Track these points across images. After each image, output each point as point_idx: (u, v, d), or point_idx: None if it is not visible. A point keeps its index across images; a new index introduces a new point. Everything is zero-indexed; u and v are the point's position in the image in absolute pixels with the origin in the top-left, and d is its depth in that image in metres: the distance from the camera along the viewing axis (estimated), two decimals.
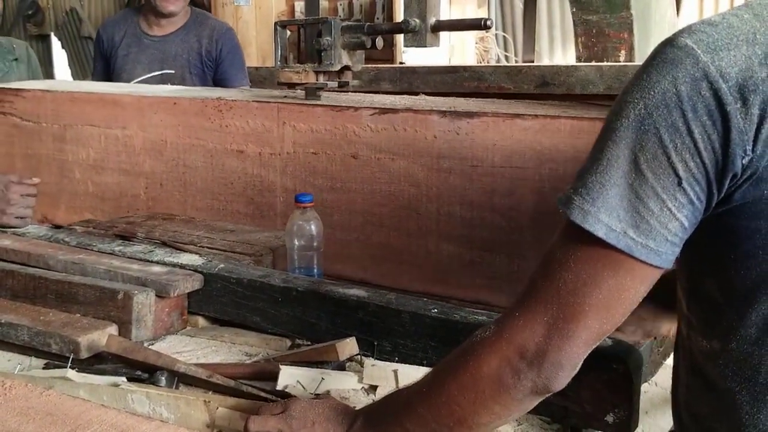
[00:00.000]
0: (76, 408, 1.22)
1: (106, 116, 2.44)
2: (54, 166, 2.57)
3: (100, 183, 2.48)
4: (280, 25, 2.25)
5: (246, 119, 2.16)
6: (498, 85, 2.53)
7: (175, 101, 2.31)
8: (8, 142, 2.70)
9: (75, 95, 2.54)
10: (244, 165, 2.18)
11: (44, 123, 2.58)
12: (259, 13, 4.81)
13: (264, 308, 1.65)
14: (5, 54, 3.04)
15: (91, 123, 2.47)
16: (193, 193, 2.28)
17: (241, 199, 2.20)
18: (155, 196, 2.38)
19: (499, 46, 5.49)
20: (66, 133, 2.53)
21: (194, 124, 2.25)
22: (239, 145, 2.18)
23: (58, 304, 1.68)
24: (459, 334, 1.39)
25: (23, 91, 2.67)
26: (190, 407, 1.25)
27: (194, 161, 2.27)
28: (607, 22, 3.30)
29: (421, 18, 1.96)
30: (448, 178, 1.85)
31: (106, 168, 2.46)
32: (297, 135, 2.07)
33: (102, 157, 2.46)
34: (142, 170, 2.38)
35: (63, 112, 2.53)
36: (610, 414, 1.26)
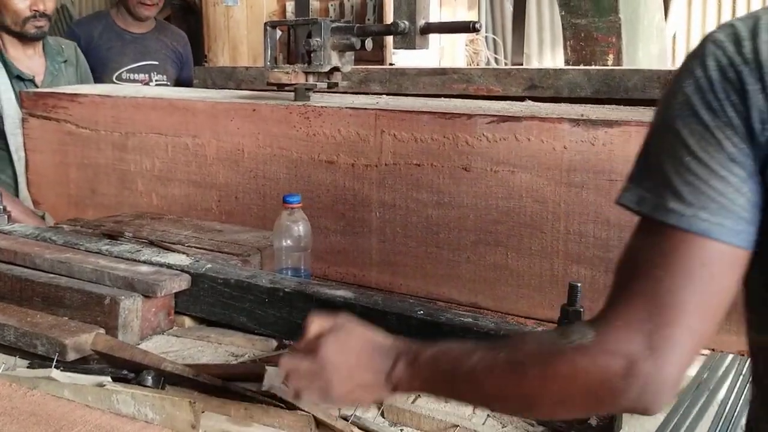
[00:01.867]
0: (60, 408, 1.21)
1: (174, 123, 2.30)
2: (113, 176, 2.45)
3: (165, 195, 2.36)
4: (270, 26, 2.26)
5: (337, 127, 2.01)
6: (486, 87, 2.53)
7: (254, 107, 2.17)
8: (62, 151, 2.58)
9: (139, 101, 2.40)
10: (334, 177, 2.03)
11: (103, 131, 2.45)
12: (251, 12, 4.81)
13: (251, 308, 1.65)
14: (54, 56, 2.91)
15: (157, 131, 2.33)
16: (273, 206, 2.12)
17: (329, 213, 2.06)
18: (229, 209, 2.25)
19: (489, 49, 5.49)
20: (128, 141, 2.40)
21: (276, 132, 2.12)
22: (329, 156, 2.04)
23: (44, 307, 1.68)
24: (445, 335, 1.39)
25: (79, 96, 2.53)
26: (176, 408, 1.25)
27: (275, 172, 2.14)
28: (595, 26, 3.31)
29: (411, 20, 1.97)
30: (580, 193, 1.69)
31: (173, 179, 2.33)
32: (398, 144, 1.93)
33: (169, 167, 2.33)
34: (215, 182, 2.25)
35: (125, 119, 2.40)
36: (593, 417, 1.26)
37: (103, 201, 2.45)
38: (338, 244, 2.06)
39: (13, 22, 2.64)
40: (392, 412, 1.30)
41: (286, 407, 1.27)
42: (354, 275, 2.04)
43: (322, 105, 2.04)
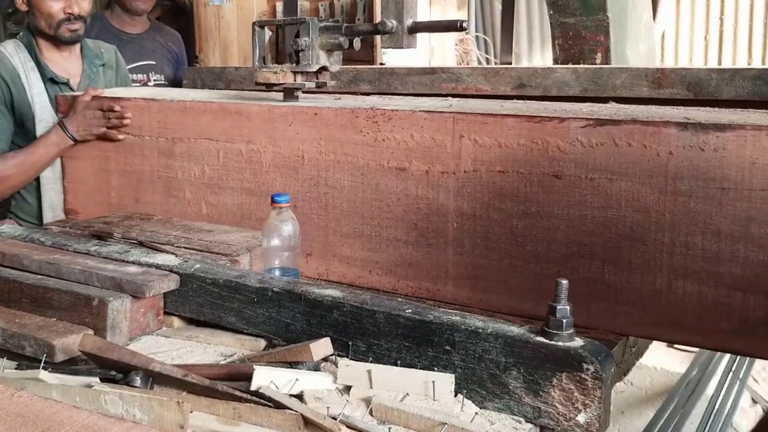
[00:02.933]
0: (47, 409, 1.21)
1: (226, 128, 2.20)
2: (159, 184, 2.35)
3: (216, 204, 2.25)
4: (259, 26, 2.26)
5: (410, 132, 1.88)
6: (475, 87, 2.55)
7: (315, 111, 2.04)
8: (103, 157, 2.48)
9: (187, 105, 2.28)
10: (406, 185, 1.91)
11: (147, 136, 2.35)
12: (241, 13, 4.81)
13: (240, 308, 1.65)
14: (92, 59, 2.85)
15: (207, 136, 2.23)
16: (336, 216, 2.03)
17: (400, 224, 1.93)
18: None
19: (479, 48, 5.51)
20: (175, 147, 2.29)
21: (340, 137, 2.00)
22: (400, 162, 1.91)
23: (33, 308, 1.67)
24: (433, 334, 1.40)
25: (122, 100, 2.42)
26: (164, 408, 1.25)
27: (339, 180, 2.01)
28: (583, 25, 3.33)
29: (398, 19, 1.97)
30: (688, 202, 1.58)
31: (224, 187, 2.22)
32: (479, 150, 1.80)
33: (220, 174, 2.22)
34: (271, 189, 2.11)
35: (172, 123, 2.29)
36: (581, 414, 1.27)
37: (147, 209, 2.36)
38: (409, 256, 1.93)
39: (47, 25, 2.58)
40: (380, 410, 1.30)
41: (275, 407, 1.27)
42: (427, 289, 1.92)
43: (392, 108, 1.93)
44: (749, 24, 5.60)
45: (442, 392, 1.35)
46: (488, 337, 1.34)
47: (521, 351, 1.31)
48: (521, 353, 1.31)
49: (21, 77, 2.60)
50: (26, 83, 2.60)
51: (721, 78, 2.24)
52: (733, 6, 5.61)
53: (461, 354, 1.37)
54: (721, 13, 5.68)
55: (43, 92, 2.64)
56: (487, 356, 1.34)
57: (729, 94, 2.23)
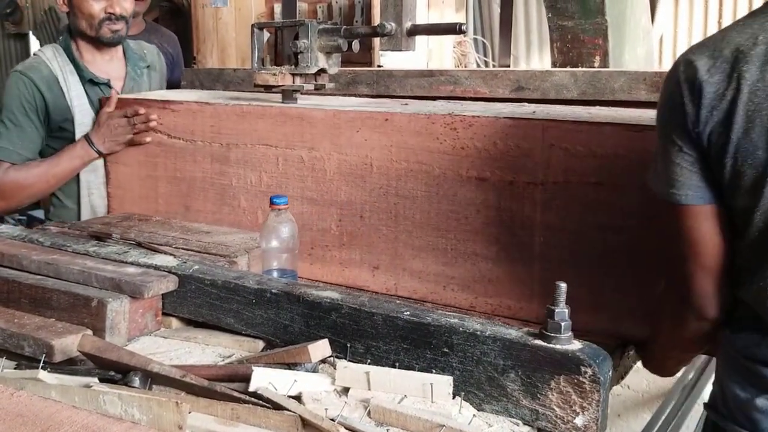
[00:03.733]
0: (47, 409, 1.21)
1: (287, 134, 2.08)
2: (212, 192, 2.24)
3: None
4: (258, 27, 2.26)
5: (492, 140, 1.77)
6: (473, 89, 2.54)
7: (386, 117, 1.93)
8: (150, 163, 2.37)
9: (244, 109, 2.17)
10: (487, 196, 1.79)
11: (200, 141, 2.24)
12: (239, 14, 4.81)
13: (238, 310, 1.65)
14: (136, 61, 2.77)
15: (265, 142, 2.11)
16: (407, 228, 1.91)
17: (479, 237, 1.82)
18: (353, 230, 2.01)
19: (477, 51, 5.51)
20: (230, 153, 2.19)
21: (414, 144, 1.89)
22: (480, 172, 1.80)
23: (32, 309, 1.68)
24: (431, 336, 1.40)
25: (173, 103, 2.31)
26: (162, 408, 1.25)
27: (412, 190, 1.90)
28: (582, 28, 3.34)
29: (397, 22, 1.98)
30: None
31: (284, 195, 2.03)
32: (570, 160, 1.69)
33: (279, 182, 2.11)
34: (336, 199, 2.02)
35: (227, 128, 2.19)
36: (579, 417, 1.27)
37: (198, 218, 2.26)
38: (489, 272, 1.82)
39: (89, 26, 2.53)
40: (378, 412, 1.30)
41: (273, 408, 1.28)
42: (509, 307, 1.82)
43: (473, 114, 1.81)
44: None
45: (440, 394, 1.35)
46: (486, 339, 1.34)
47: (519, 354, 1.32)
48: (519, 356, 1.32)
49: (59, 81, 2.56)
50: (64, 87, 2.56)
51: None
52: (731, 10, 5.62)
53: (459, 356, 1.37)
54: (719, 16, 5.69)
55: (82, 95, 2.58)
56: (486, 359, 1.35)
57: None
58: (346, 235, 2.01)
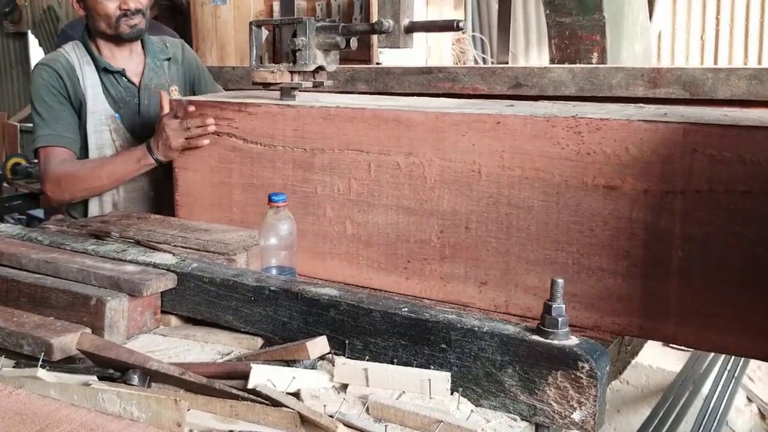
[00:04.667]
0: (45, 407, 1.22)
1: (381, 138, 1.94)
2: (293, 200, 2.07)
3: (365, 223, 1.99)
4: (256, 25, 2.26)
5: (624, 145, 1.63)
6: (472, 86, 2.56)
7: (498, 120, 1.78)
8: (224, 170, 2.25)
9: (332, 111, 2.02)
10: (617, 206, 1.66)
11: (280, 146, 2.10)
12: (238, 13, 4.81)
13: (237, 307, 1.65)
14: (156, 53, 2.75)
15: (356, 147, 1.97)
16: (521, 240, 1.77)
17: (606, 251, 1.68)
18: (456, 242, 1.86)
19: (476, 48, 5.52)
20: (314, 159, 2.05)
21: (530, 149, 1.74)
22: (609, 180, 1.66)
23: (31, 307, 1.68)
24: (429, 332, 1.40)
25: (250, 106, 2.18)
26: (161, 406, 1.26)
27: (527, 199, 1.76)
28: (579, 25, 3.35)
29: (395, 19, 1.97)
30: None
31: (376, 204, 1.96)
32: (716, 167, 1.55)
33: (371, 190, 1.96)
34: (437, 208, 1.87)
35: (311, 132, 2.04)
36: (576, 411, 1.28)
37: None
38: (618, 288, 1.69)
39: (107, 26, 2.54)
40: (377, 408, 1.31)
41: (272, 405, 1.28)
42: (640, 327, 1.68)
43: (600, 117, 1.68)
44: (745, 23, 5.62)
45: (438, 390, 1.36)
46: (484, 335, 1.35)
47: (517, 349, 1.32)
48: (517, 351, 1.32)
49: (75, 70, 2.59)
50: (80, 75, 2.59)
51: (716, 77, 2.25)
52: (729, 5, 5.63)
53: (457, 352, 1.38)
54: (717, 12, 5.70)
55: (96, 84, 2.60)
56: (483, 354, 1.35)
57: (724, 93, 2.24)
58: (449, 248, 1.87)
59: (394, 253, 1.94)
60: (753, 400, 3.22)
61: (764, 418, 3.18)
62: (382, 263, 1.96)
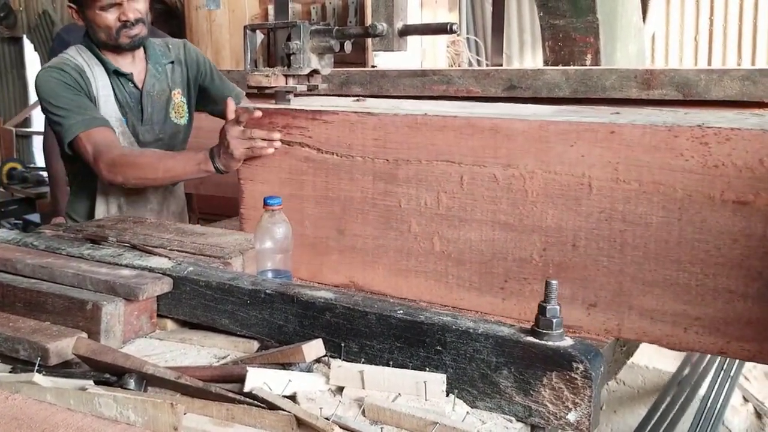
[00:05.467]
0: (42, 412, 1.22)
1: (475, 148, 1.81)
2: (373, 214, 1.97)
3: (455, 240, 1.87)
4: (250, 29, 2.26)
5: (758, 157, 1.51)
6: (466, 89, 2.56)
7: (612, 129, 1.66)
8: (296, 182, 2.11)
9: (419, 120, 1.89)
10: (749, 223, 1.54)
11: (360, 156, 1.97)
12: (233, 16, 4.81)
13: (233, 311, 1.65)
14: (158, 58, 2.73)
15: (446, 158, 1.85)
16: (637, 259, 1.66)
17: (735, 272, 1.57)
18: (562, 261, 1.75)
19: (470, 50, 5.53)
20: (398, 170, 1.92)
21: (648, 161, 1.62)
22: (741, 194, 1.54)
23: (26, 312, 1.68)
24: (424, 334, 1.41)
25: (325, 113, 2.04)
26: (158, 410, 1.26)
27: (644, 215, 1.64)
28: (573, 27, 3.36)
29: (389, 22, 1.98)
30: None
31: (468, 219, 1.84)
32: None
33: (463, 204, 1.84)
34: (540, 224, 1.76)
35: (395, 142, 1.92)
36: (571, 412, 1.28)
37: (356, 244, 2.01)
38: (748, 312, 1.59)
39: (108, 37, 2.53)
40: (373, 410, 1.31)
41: (268, 408, 1.28)
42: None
43: (731, 127, 1.57)
44: (738, 25, 5.64)
45: (433, 392, 1.36)
46: (479, 337, 1.35)
47: (512, 351, 1.32)
48: (512, 353, 1.32)
49: (86, 72, 2.57)
50: (91, 78, 2.56)
51: (709, 79, 2.26)
52: (723, 7, 5.65)
53: (452, 354, 1.38)
54: (711, 14, 5.71)
55: (107, 85, 2.59)
56: (478, 356, 1.35)
57: (717, 94, 2.25)
58: (553, 267, 1.75)
59: (489, 271, 1.82)
60: (749, 399, 3.22)
61: (760, 418, 3.19)
62: (475, 282, 1.84)
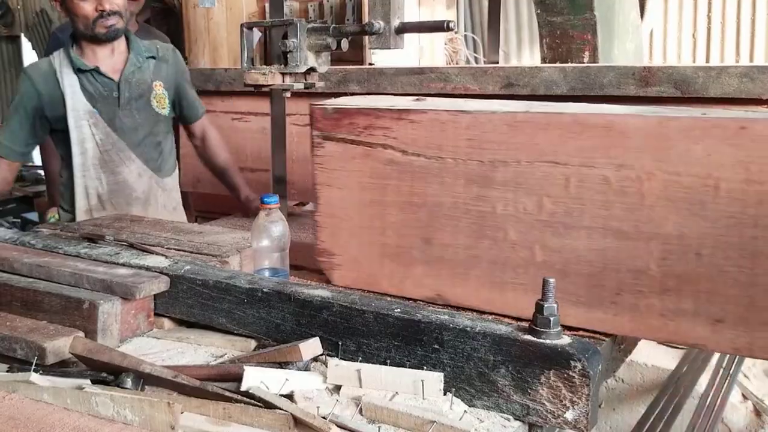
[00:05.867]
0: (38, 411, 1.22)
1: (584, 148, 1.64)
2: (465, 221, 1.80)
3: (559, 248, 1.69)
4: (247, 27, 2.26)
5: None
6: (464, 86, 2.56)
7: (743, 125, 1.49)
8: (377, 186, 1.93)
9: (519, 117, 1.72)
10: None
11: (451, 158, 1.80)
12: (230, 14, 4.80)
13: (230, 309, 1.65)
14: (140, 51, 2.82)
15: (550, 158, 1.68)
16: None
17: None
18: (683, 271, 1.57)
19: (468, 48, 5.52)
20: (495, 173, 1.75)
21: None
22: None
23: (24, 311, 1.68)
24: (422, 333, 1.41)
25: (412, 112, 1.87)
26: (154, 409, 1.26)
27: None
28: (571, 24, 3.36)
29: (385, 20, 1.97)
30: None
31: (576, 226, 1.67)
32: None
33: (569, 209, 1.67)
34: (658, 231, 1.58)
35: (491, 142, 1.75)
36: (569, 411, 1.28)
37: (445, 254, 1.84)
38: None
39: (85, 26, 2.66)
40: (370, 409, 1.31)
41: (265, 407, 1.28)
42: None
43: None
44: (737, 21, 5.63)
45: (431, 391, 1.36)
46: (477, 335, 1.35)
47: (509, 349, 1.32)
48: (509, 351, 1.32)
49: (56, 73, 2.69)
50: (60, 77, 2.68)
51: (707, 76, 2.25)
52: (721, 4, 5.64)
53: (450, 353, 1.38)
54: (709, 10, 5.71)
55: (75, 83, 2.69)
56: (476, 355, 1.35)
57: (715, 91, 2.24)
58: (673, 278, 1.58)
59: (598, 284, 1.64)
60: (748, 397, 3.23)
61: (759, 415, 3.19)
62: (582, 296, 1.67)
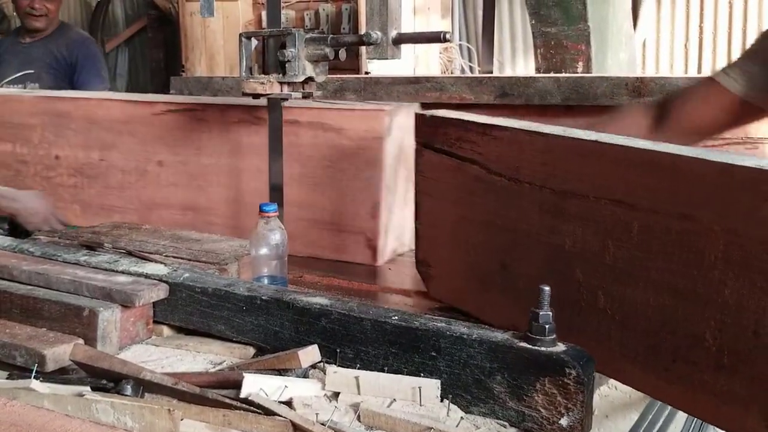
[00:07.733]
0: (40, 418, 1.23)
1: (653, 190, 1.36)
2: (539, 252, 1.58)
3: (620, 299, 1.44)
4: (245, 37, 2.28)
5: None
6: (459, 96, 2.58)
7: None
8: (466, 202, 1.75)
9: (589, 146, 1.46)
10: None
11: (527, 182, 1.58)
12: (227, 22, 4.82)
13: (228, 317, 1.66)
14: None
15: (617, 197, 1.41)
16: None
17: None
18: (739, 349, 1.24)
19: (463, 57, 5.55)
20: (565, 204, 1.51)
21: None
22: None
23: (23, 319, 1.68)
24: (419, 340, 1.42)
25: (495, 128, 1.67)
26: (155, 416, 1.27)
27: None
28: (565, 34, 3.38)
29: (383, 31, 1.99)
30: None
31: (637, 276, 1.40)
32: None
33: (632, 256, 1.40)
34: (715, 297, 1.27)
35: (563, 169, 1.51)
36: (564, 417, 1.30)
37: (518, 284, 1.63)
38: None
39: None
40: (368, 416, 1.32)
41: (264, 413, 1.29)
42: None
43: None
44: (728, 31, 5.67)
45: (428, 397, 1.37)
46: (473, 343, 1.37)
47: (505, 356, 1.34)
48: (505, 358, 1.34)
49: None
50: None
51: None
52: (712, 14, 5.68)
53: (447, 360, 1.39)
54: (701, 21, 5.75)
55: None
56: (472, 362, 1.37)
57: None
58: (728, 355, 1.26)
59: (657, 345, 1.38)
60: None
61: None
62: (640, 355, 1.41)
